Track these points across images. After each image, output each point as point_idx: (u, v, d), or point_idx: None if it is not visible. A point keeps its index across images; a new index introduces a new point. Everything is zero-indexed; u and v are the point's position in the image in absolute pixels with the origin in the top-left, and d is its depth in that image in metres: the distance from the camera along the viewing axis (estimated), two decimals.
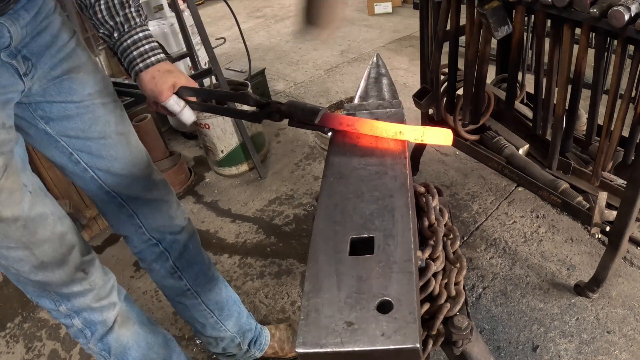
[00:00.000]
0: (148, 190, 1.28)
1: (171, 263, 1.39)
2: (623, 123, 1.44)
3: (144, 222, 1.30)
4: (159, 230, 1.33)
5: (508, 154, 2.01)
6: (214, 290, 1.51)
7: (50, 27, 1.01)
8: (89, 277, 1.12)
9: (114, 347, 1.21)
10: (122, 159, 1.20)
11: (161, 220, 1.33)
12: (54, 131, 1.09)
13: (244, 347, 1.63)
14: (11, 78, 0.95)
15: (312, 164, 2.79)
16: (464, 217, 2.23)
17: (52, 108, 1.06)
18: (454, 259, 0.86)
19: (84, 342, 1.20)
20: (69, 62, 1.06)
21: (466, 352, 0.88)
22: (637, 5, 1.21)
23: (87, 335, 1.18)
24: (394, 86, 1.02)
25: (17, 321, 2.09)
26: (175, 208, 1.37)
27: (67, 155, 1.13)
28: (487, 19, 1.60)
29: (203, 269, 1.47)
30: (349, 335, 0.53)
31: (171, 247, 1.37)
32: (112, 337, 1.20)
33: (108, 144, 1.16)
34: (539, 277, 1.89)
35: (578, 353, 1.61)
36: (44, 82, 1.03)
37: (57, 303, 1.12)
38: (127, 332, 1.23)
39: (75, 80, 1.07)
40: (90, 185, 1.20)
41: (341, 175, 0.77)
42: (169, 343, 1.38)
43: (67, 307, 1.12)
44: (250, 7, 5.86)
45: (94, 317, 1.16)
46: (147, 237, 1.33)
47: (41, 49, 1.00)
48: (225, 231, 2.41)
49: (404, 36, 4.33)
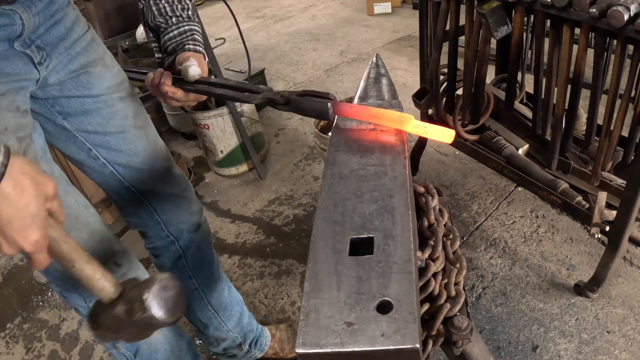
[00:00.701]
0: (168, 185, 1.26)
1: (184, 262, 1.37)
2: (622, 123, 1.44)
3: (163, 219, 1.29)
4: (177, 228, 1.32)
5: (508, 154, 2.01)
6: (219, 291, 1.50)
7: (64, 20, 1.01)
8: (121, 270, 1.08)
9: (142, 349, 1.18)
10: (141, 153, 1.18)
11: (180, 217, 1.31)
12: (72, 126, 1.08)
13: (244, 348, 1.63)
14: (25, 66, 0.94)
15: (312, 164, 2.79)
16: (464, 217, 2.23)
17: (70, 103, 1.05)
18: (453, 259, 0.86)
19: (109, 343, 1.16)
20: (86, 56, 1.05)
21: (466, 352, 0.88)
22: (636, 5, 1.21)
23: None
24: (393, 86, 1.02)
25: (17, 322, 2.09)
26: (195, 204, 1.36)
27: (85, 151, 1.12)
28: (486, 19, 1.60)
29: (212, 269, 1.47)
30: (349, 335, 0.53)
31: (187, 246, 1.36)
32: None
33: (127, 138, 1.15)
34: (538, 277, 1.89)
35: (578, 353, 1.61)
36: (61, 75, 1.02)
37: (88, 299, 1.08)
38: (157, 334, 1.20)
39: (92, 74, 1.06)
40: (110, 180, 1.18)
41: (341, 176, 0.77)
42: (191, 346, 1.37)
43: None
44: (249, 8, 5.86)
45: None
46: (166, 234, 1.31)
47: (55, 41, 0.99)
48: (225, 231, 2.41)
49: (404, 36, 4.33)
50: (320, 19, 5.12)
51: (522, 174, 1.89)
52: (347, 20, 4.97)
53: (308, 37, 4.64)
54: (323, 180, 0.77)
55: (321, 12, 5.31)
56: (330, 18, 5.11)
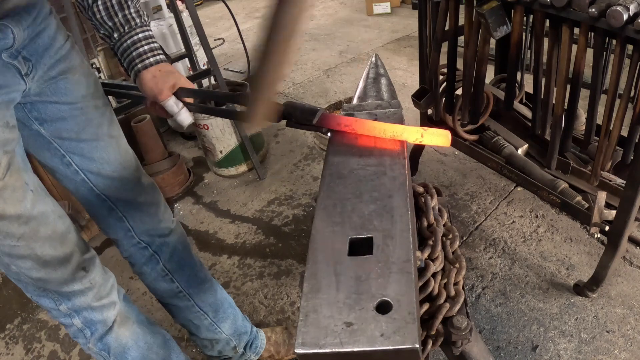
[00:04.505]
0: (138, 194, 1.29)
1: (162, 266, 1.39)
2: (622, 122, 1.44)
3: (133, 226, 1.31)
4: (148, 234, 1.34)
5: (507, 153, 2.01)
6: (207, 292, 1.52)
7: (47, 29, 1.02)
8: (89, 275, 1.12)
9: (113, 347, 1.21)
10: (113, 162, 1.21)
11: (150, 223, 1.34)
12: (47, 132, 1.09)
13: (239, 350, 1.63)
14: (13, 78, 0.95)
15: (311, 165, 2.79)
16: (463, 217, 2.23)
17: (47, 109, 1.07)
18: (453, 259, 0.86)
19: (84, 342, 1.20)
20: (65, 63, 1.07)
21: (465, 352, 0.88)
22: (635, 5, 1.21)
23: (86, 335, 1.18)
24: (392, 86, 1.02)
25: (17, 322, 2.09)
26: (164, 211, 1.38)
27: (59, 157, 1.14)
28: (485, 18, 1.60)
29: (194, 270, 1.48)
30: (348, 335, 0.53)
31: (161, 250, 1.38)
32: (111, 337, 1.20)
33: (100, 146, 1.17)
34: (538, 277, 1.89)
35: (577, 353, 1.61)
36: (41, 82, 1.03)
37: (58, 302, 1.12)
38: (126, 332, 1.24)
39: (70, 80, 1.08)
40: (81, 188, 1.21)
41: (340, 176, 0.77)
42: (168, 343, 1.38)
43: (67, 306, 1.12)
44: (248, 8, 5.86)
45: (94, 316, 1.16)
46: (137, 241, 1.34)
47: (41, 50, 1.01)
48: (225, 232, 2.41)
49: (403, 36, 4.33)
50: (320, 19, 5.12)
51: (521, 173, 1.89)
52: (347, 20, 4.97)
53: (307, 37, 4.64)
54: (322, 180, 0.77)
55: (320, 12, 5.31)
56: (330, 18, 5.11)
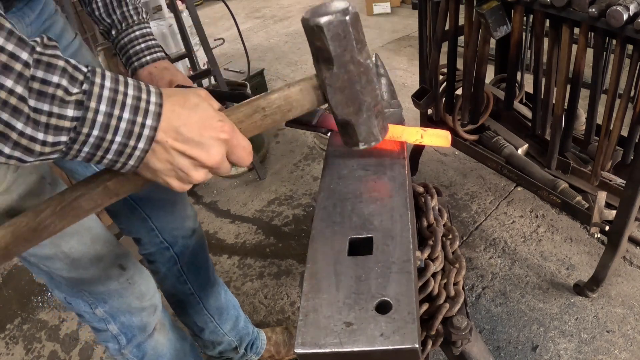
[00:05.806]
0: (161, 191, 1.24)
1: (179, 267, 1.37)
2: (622, 122, 1.44)
3: (157, 225, 1.28)
4: (171, 234, 1.31)
5: (507, 153, 2.01)
6: (215, 295, 1.50)
7: (53, 27, 1.01)
8: (127, 273, 1.05)
9: (149, 354, 1.16)
10: None
11: (174, 222, 1.31)
12: None
13: (240, 351, 1.63)
14: None
15: (311, 165, 2.79)
16: (463, 217, 2.23)
17: None
18: (453, 259, 0.86)
19: (115, 348, 1.12)
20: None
21: (465, 352, 0.88)
22: (635, 4, 1.21)
23: (121, 341, 1.11)
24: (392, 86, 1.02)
25: (17, 322, 2.09)
26: (189, 209, 1.35)
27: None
28: (485, 18, 1.60)
29: (208, 273, 1.47)
30: (348, 335, 0.53)
31: (182, 252, 1.35)
32: (150, 343, 1.14)
33: None
34: (538, 277, 1.89)
35: (578, 352, 1.61)
36: None
37: (93, 305, 1.05)
38: (163, 339, 1.19)
39: None
40: None
41: (340, 176, 0.77)
42: (193, 348, 1.37)
43: (103, 309, 1.05)
44: (249, 8, 5.86)
45: (132, 322, 1.09)
46: (160, 240, 1.30)
47: None
48: (225, 232, 2.41)
49: (403, 36, 4.33)
50: None
51: (521, 173, 1.89)
52: None
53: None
54: (322, 180, 0.77)
55: None
56: None
